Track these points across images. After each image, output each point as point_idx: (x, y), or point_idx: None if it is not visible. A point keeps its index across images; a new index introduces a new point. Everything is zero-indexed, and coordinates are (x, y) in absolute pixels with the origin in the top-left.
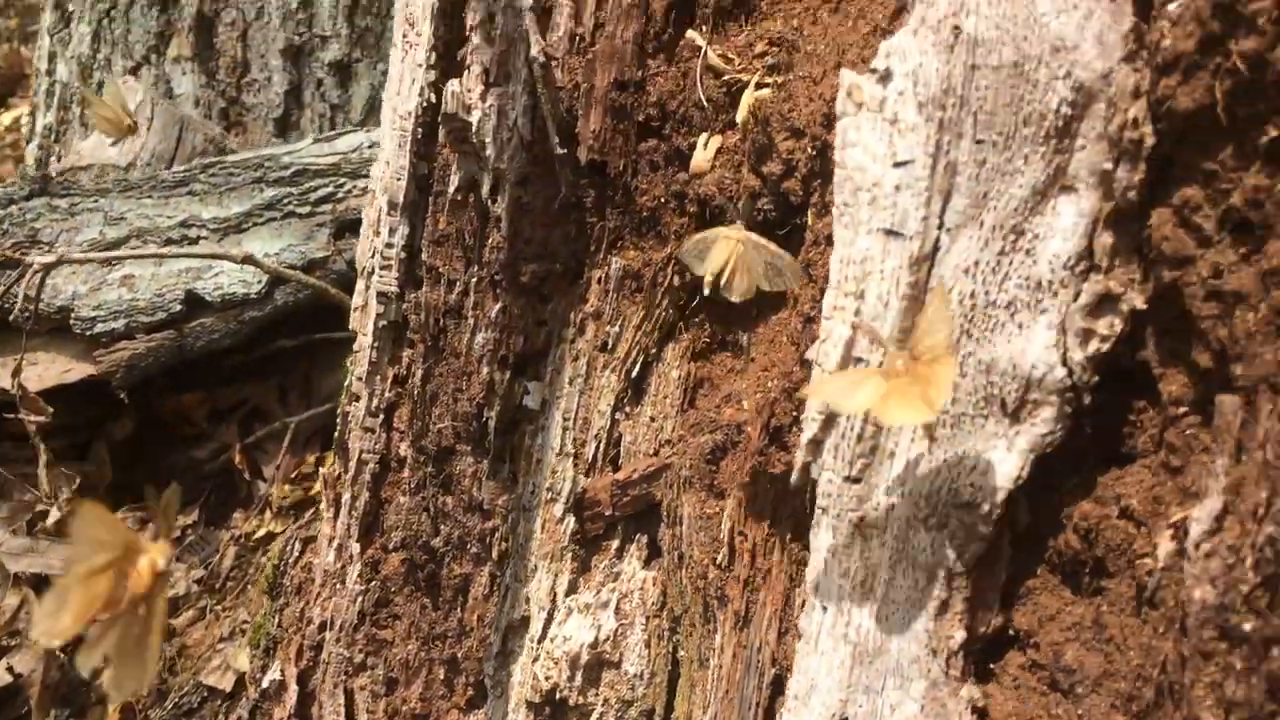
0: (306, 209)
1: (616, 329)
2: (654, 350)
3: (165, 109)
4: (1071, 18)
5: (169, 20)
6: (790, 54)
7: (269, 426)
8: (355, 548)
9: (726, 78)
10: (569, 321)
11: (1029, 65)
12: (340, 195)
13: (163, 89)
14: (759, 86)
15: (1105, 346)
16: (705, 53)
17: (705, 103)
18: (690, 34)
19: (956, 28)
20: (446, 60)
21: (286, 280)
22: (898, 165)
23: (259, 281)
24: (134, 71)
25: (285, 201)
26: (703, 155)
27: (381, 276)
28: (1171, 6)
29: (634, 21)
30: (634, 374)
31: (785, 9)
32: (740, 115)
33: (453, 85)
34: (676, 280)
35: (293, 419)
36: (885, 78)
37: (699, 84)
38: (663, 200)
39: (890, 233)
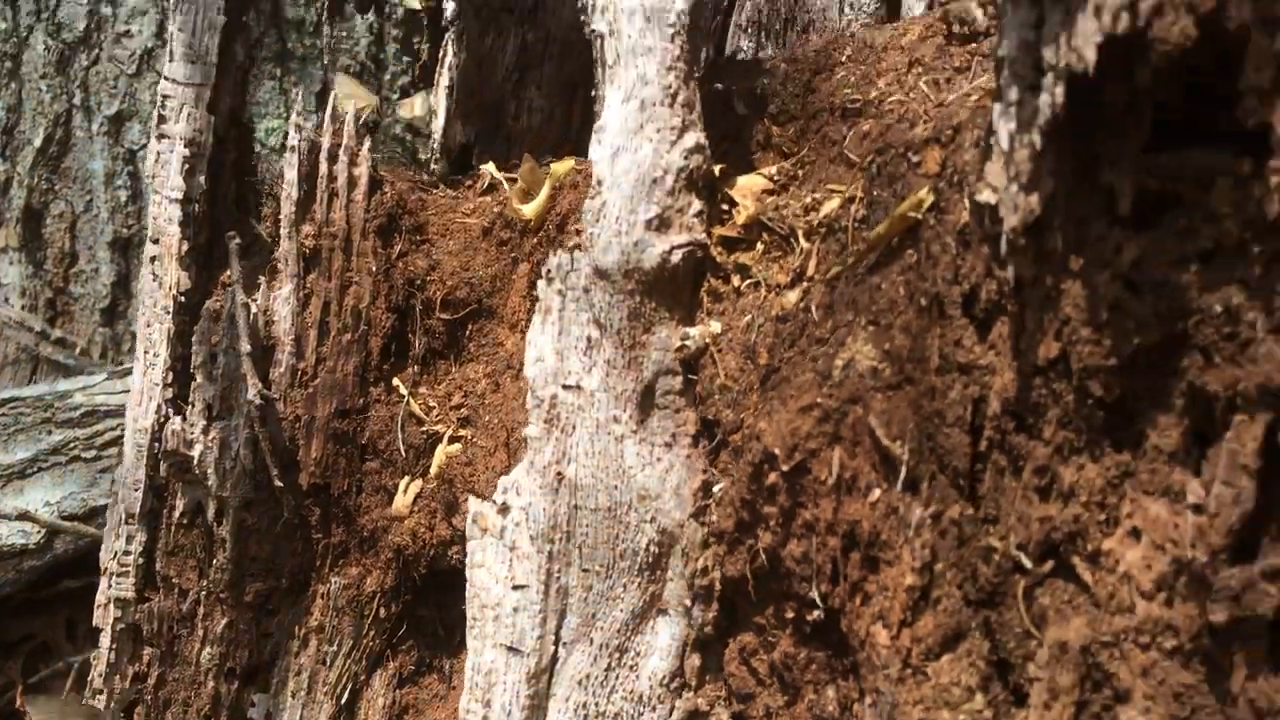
0: (92, 453)
1: (335, 647)
2: (363, 677)
3: None
4: (655, 470)
5: None
6: (478, 413)
7: (53, 666)
8: None
9: (425, 428)
10: (294, 634)
11: (621, 509)
12: None
13: None
14: (452, 440)
15: None
16: (408, 401)
17: (406, 450)
18: (396, 381)
19: (559, 474)
20: (183, 378)
21: (65, 531)
22: (516, 588)
23: (38, 533)
24: None
25: (71, 446)
26: (402, 500)
27: (119, 583)
28: (717, 488)
29: (354, 356)
30: (344, 699)
31: (488, 354)
32: (434, 468)
33: (173, 424)
34: (383, 611)
35: (75, 659)
36: (504, 509)
37: (400, 433)
38: (381, 525)
39: (511, 649)
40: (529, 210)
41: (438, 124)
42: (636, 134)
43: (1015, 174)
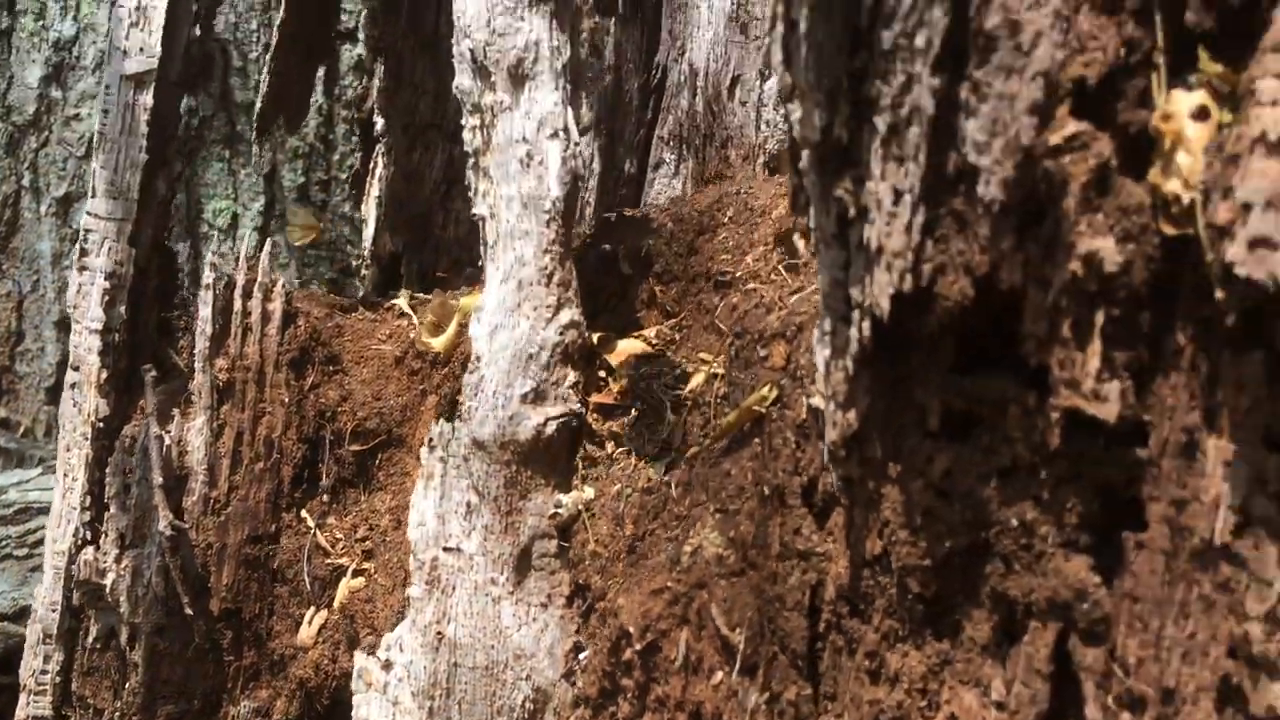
0: (24, 551)
1: None
2: None
3: None
4: (530, 629)
5: None
6: (380, 549)
7: None
8: None
9: (331, 560)
10: None
11: (498, 668)
12: None
13: None
14: (355, 574)
15: None
16: (314, 534)
17: (312, 581)
18: (304, 514)
19: (440, 633)
20: (100, 502)
21: None
22: None
23: None
24: None
25: (4, 544)
26: (307, 631)
27: (36, 701)
28: (583, 656)
29: (266, 484)
30: None
31: (396, 484)
32: (337, 601)
33: (86, 554)
34: None
35: None
36: (388, 665)
37: (306, 564)
38: (289, 652)
39: None
40: (437, 344)
41: (368, 233)
42: (514, 312)
43: (833, 393)
